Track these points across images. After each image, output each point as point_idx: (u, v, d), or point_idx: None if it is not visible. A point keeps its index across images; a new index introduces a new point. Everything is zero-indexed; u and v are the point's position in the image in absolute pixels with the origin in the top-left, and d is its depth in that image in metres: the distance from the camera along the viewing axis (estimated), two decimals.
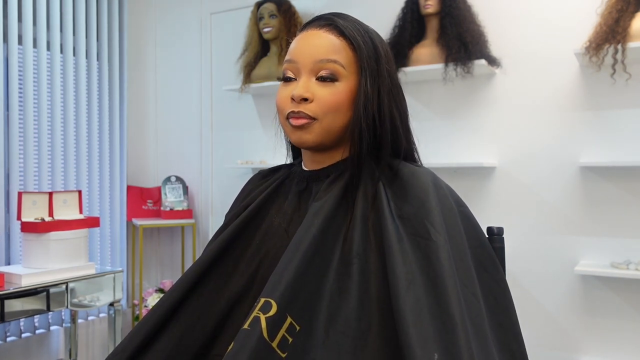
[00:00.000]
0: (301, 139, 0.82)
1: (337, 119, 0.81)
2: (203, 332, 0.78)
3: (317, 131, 0.81)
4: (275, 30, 2.67)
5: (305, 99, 0.80)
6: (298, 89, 0.81)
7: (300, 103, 0.80)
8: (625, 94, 2.08)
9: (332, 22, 0.84)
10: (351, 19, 0.86)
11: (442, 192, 0.79)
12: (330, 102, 0.80)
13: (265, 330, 0.66)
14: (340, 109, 0.81)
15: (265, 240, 0.85)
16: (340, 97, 0.81)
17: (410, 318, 0.64)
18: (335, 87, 0.81)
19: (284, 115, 0.83)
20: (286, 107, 0.82)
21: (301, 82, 0.82)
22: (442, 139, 2.43)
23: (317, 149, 0.85)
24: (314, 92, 0.81)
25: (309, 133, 0.81)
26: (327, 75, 0.81)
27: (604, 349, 2.11)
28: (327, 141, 0.83)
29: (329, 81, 0.81)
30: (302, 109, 0.80)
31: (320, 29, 0.84)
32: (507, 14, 2.30)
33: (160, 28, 3.30)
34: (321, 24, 0.84)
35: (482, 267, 0.79)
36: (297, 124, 0.81)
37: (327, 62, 0.81)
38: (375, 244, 0.75)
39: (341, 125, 0.82)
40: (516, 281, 2.25)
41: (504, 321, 0.78)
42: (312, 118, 0.80)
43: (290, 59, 0.84)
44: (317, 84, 0.81)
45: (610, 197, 2.10)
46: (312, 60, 0.81)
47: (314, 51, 0.82)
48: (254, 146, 2.93)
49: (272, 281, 0.70)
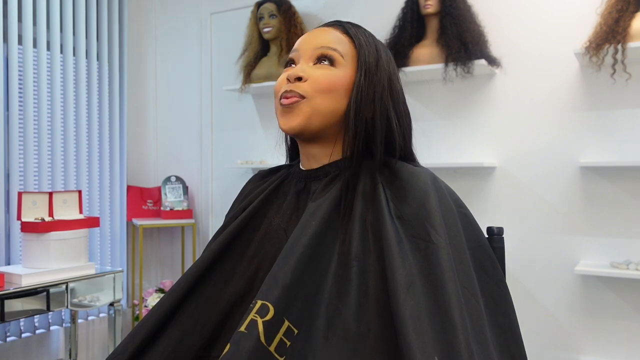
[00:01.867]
0: (288, 124, 0.82)
1: (327, 102, 0.82)
2: (202, 333, 0.78)
3: (305, 110, 0.81)
4: (275, 30, 2.66)
5: (299, 79, 0.82)
6: (294, 69, 0.83)
7: (294, 82, 0.82)
8: (625, 94, 2.08)
9: (340, 23, 0.88)
10: (361, 27, 0.89)
11: (441, 193, 0.79)
12: (322, 82, 0.81)
13: (263, 334, 0.66)
14: (332, 91, 0.82)
15: (265, 241, 0.85)
16: (334, 80, 0.82)
17: (410, 321, 0.64)
18: (331, 71, 0.83)
19: (279, 97, 0.84)
20: (281, 88, 0.84)
21: (299, 65, 0.85)
22: (442, 139, 2.43)
23: (305, 136, 0.84)
24: (308, 73, 0.82)
25: (296, 115, 0.81)
26: (325, 57, 0.83)
27: (604, 348, 2.11)
28: (313, 125, 0.82)
29: (326, 63, 0.83)
30: (294, 88, 0.82)
31: (326, 27, 0.88)
32: (507, 14, 2.30)
33: (161, 28, 3.29)
34: (329, 24, 0.89)
35: (481, 268, 0.79)
36: (286, 103, 0.82)
37: (327, 49, 0.84)
38: (374, 245, 0.74)
39: (330, 111, 0.82)
40: (516, 281, 2.25)
41: (504, 323, 0.78)
42: (302, 97, 0.81)
43: (294, 48, 0.87)
44: (313, 67, 0.84)
45: (610, 197, 2.10)
46: (312, 47, 0.84)
47: (315, 40, 0.85)
48: (254, 146, 2.93)
49: (267, 283, 0.70)
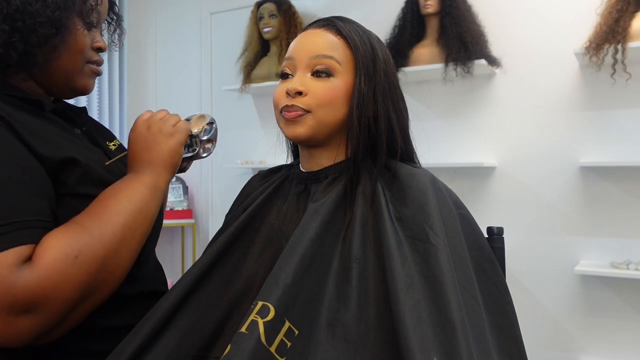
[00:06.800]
0: (294, 132, 0.82)
1: (331, 113, 0.82)
2: (202, 334, 0.78)
3: (310, 123, 0.81)
4: (275, 30, 2.67)
5: (299, 93, 0.81)
6: (293, 83, 0.82)
7: (295, 97, 0.82)
8: (625, 94, 2.08)
9: (331, 23, 0.86)
10: (352, 22, 0.87)
11: (440, 194, 0.79)
12: (324, 95, 0.81)
13: (263, 335, 0.66)
14: (334, 103, 0.82)
15: (265, 242, 0.85)
16: (335, 92, 0.82)
17: (409, 322, 0.64)
18: (330, 82, 0.82)
19: (279, 109, 0.84)
20: (281, 101, 0.84)
21: (296, 77, 0.83)
22: (442, 139, 2.43)
23: (310, 143, 0.85)
24: (308, 86, 0.82)
25: (301, 126, 0.82)
26: (323, 70, 0.82)
27: (604, 348, 2.11)
28: (319, 135, 0.83)
29: (324, 76, 0.82)
30: (296, 102, 0.81)
31: (319, 29, 0.86)
32: (507, 14, 2.30)
33: (161, 28, 3.29)
34: (320, 24, 0.86)
35: (480, 269, 0.79)
36: (290, 117, 0.82)
37: (323, 58, 0.82)
38: (374, 247, 0.75)
39: (334, 120, 0.83)
40: (516, 281, 2.25)
41: (504, 324, 0.78)
42: (306, 111, 0.81)
43: (288, 56, 0.86)
44: (312, 79, 0.83)
45: (610, 197, 2.10)
46: (308, 56, 0.83)
47: (310, 48, 0.83)
48: (254, 146, 2.93)
49: (268, 284, 0.70)
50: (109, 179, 0.81)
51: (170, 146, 0.85)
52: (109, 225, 0.72)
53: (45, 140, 0.75)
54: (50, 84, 0.84)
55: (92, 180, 0.79)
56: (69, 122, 0.88)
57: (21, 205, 0.68)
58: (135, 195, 0.78)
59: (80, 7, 0.81)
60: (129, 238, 0.75)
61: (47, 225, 0.70)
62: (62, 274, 0.66)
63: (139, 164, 0.83)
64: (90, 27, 0.83)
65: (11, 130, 0.71)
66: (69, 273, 0.67)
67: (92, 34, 0.84)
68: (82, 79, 0.85)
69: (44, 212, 0.71)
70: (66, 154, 0.75)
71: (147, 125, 0.86)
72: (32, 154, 0.72)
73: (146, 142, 0.84)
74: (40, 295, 0.65)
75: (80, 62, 0.83)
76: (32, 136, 0.73)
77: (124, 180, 0.81)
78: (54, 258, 0.66)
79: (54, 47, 0.79)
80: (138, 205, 0.77)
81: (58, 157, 0.74)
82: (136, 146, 0.85)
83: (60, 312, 0.67)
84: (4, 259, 0.63)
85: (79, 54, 0.82)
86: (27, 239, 0.66)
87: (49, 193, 0.73)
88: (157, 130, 0.85)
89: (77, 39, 0.81)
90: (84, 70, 0.85)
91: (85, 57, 0.84)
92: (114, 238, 0.73)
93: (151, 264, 0.94)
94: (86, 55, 0.84)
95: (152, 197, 0.80)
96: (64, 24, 0.78)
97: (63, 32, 0.78)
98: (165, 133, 0.85)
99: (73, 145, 0.80)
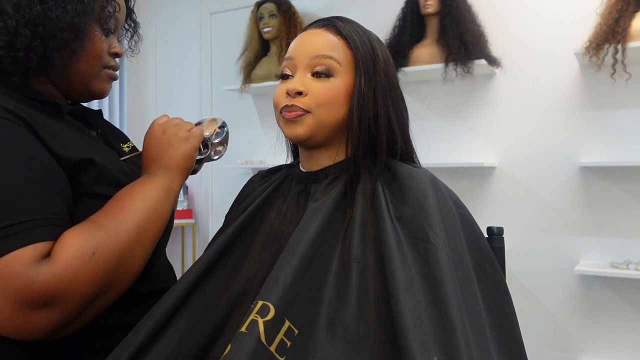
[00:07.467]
0: (294, 132, 0.83)
1: (331, 114, 0.82)
2: (202, 334, 0.78)
3: (310, 123, 0.82)
4: (275, 30, 2.67)
5: (299, 93, 0.82)
6: (293, 83, 0.82)
7: (295, 97, 0.82)
8: (625, 94, 2.08)
9: (331, 23, 0.86)
10: (352, 22, 0.87)
11: (440, 194, 0.79)
12: (324, 96, 0.81)
13: (263, 334, 0.66)
14: (334, 103, 0.82)
15: (265, 241, 0.85)
16: (335, 92, 0.82)
17: (409, 321, 0.64)
18: (330, 82, 0.82)
19: (279, 110, 0.84)
20: (281, 101, 0.84)
21: (296, 77, 0.83)
22: (442, 139, 2.43)
23: (310, 144, 0.85)
24: (308, 87, 0.82)
25: (301, 126, 0.82)
26: (323, 70, 0.82)
27: (604, 348, 2.11)
28: (319, 135, 0.83)
29: (324, 77, 0.82)
30: (296, 103, 0.82)
31: (319, 29, 0.86)
32: (507, 14, 2.30)
33: (160, 28, 3.29)
34: (320, 25, 0.87)
35: (480, 269, 0.79)
36: (290, 117, 0.82)
37: (323, 58, 0.82)
38: (374, 246, 0.75)
39: (334, 121, 0.83)
40: (516, 281, 2.25)
41: (503, 323, 0.78)
42: (306, 111, 0.81)
43: (288, 56, 0.86)
44: (312, 79, 0.83)
45: (610, 197, 2.10)
46: (308, 56, 0.83)
47: (310, 48, 0.84)
48: (254, 146, 2.93)
49: (268, 284, 0.70)
50: (124, 180, 0.83)
51: (184, 150, 0.87)
52: (124, 225, 0.75)
53: (63, 142, 0.77)
54: (68, 88, 0.85)
55: (108, 181, 0.81)
56: (85, 124, 0.90)
57: (41, 203, 0.70)
58: (150, 197, 0.80)
59: (99, 14, 0.83)
60: (143, 237, 0.77)
61: (64, 223, 0.72)
62: (79, 271, 0.68)
63: (154, 166, 0.85)
64: (108, 33, 0.85)
65: (32, 131, 0.73)
66: (85, 270, 0.69)
67: (109, 40, 0.86)
68: (98, 83, 0.87)
69: (62, 211, 0.73)
70: (83, 155, 0.77)
71: (163, 129, 0.88)
72: (51, 155, 0.74)
73: (161, 146, 0.86)
74: (57, 290, 0.66)
75: (98, 66, 0.85)
76: (51, 137, 0.75)
77: (139, 181, 0.83)
78: (71, 255, 0.68)
79: (73, 52, 0.81)
80: (152, 206, 0.79)
81: (75, 157, 0.76)
82: (151, 148, 0.87)
83: (76, 307, 0.69)
84: (23, 254, 0.65)
85: (96, 58, 0.84)
86: (46, 236, 0.68)
87: (67, 192, 0.75)
88: (172, 134, 0.87)
89: (95, 45, 0.83)
90: (100, 75, 0.87)
91: (102, 62, 0.86)
92: (129, 237, 0.75)
93: (162, 263, 0.96)
94: (103, 60, 0.86)
95: (165, 199, 0.82)
96: (82, 29, 0.80)
97: (82, 38, 0.80)
98: (180, 138, 0.87)
99: (89, 146, 0.82)
